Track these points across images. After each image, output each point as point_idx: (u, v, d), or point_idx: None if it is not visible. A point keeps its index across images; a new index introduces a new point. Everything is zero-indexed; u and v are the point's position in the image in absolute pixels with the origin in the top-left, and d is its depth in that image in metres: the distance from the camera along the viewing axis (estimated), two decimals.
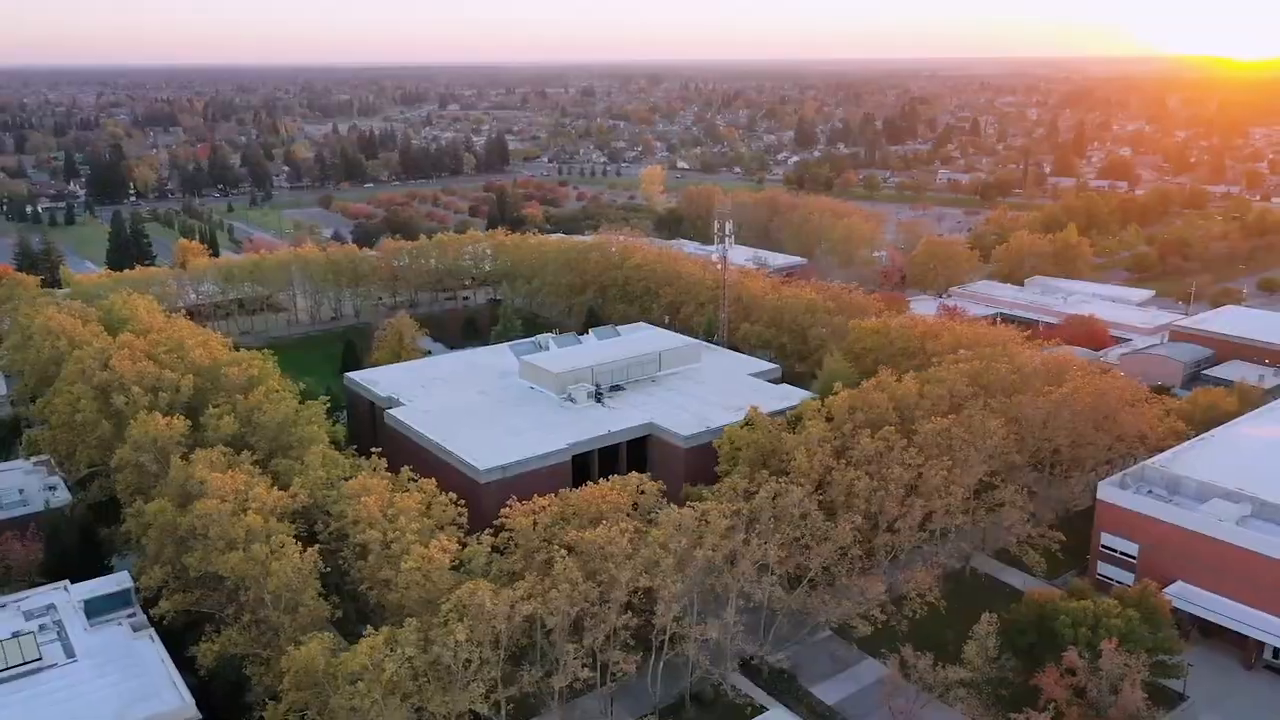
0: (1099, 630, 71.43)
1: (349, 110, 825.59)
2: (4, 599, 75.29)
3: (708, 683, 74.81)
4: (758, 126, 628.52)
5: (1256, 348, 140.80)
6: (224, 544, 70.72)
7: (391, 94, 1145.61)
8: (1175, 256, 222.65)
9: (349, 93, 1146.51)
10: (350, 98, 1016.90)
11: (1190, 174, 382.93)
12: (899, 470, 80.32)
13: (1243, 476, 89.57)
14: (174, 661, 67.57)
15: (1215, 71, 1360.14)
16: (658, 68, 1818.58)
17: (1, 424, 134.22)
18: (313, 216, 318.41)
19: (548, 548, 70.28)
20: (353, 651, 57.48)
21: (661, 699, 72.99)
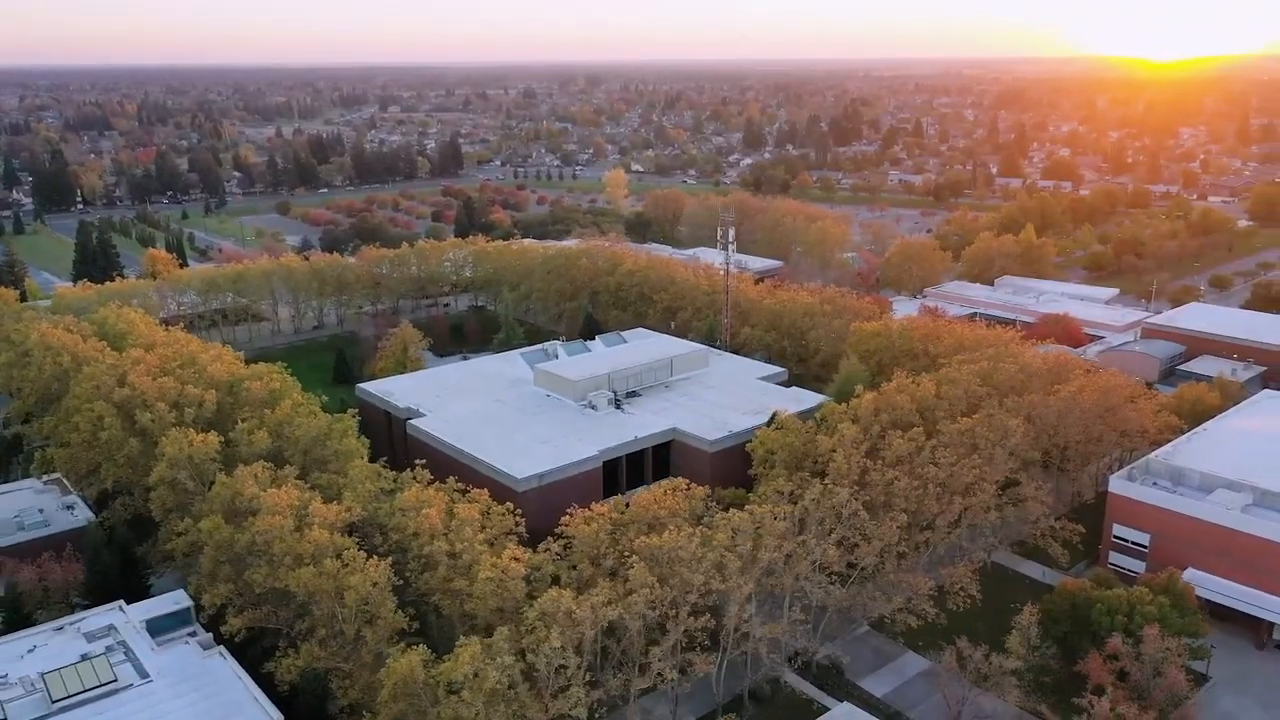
0: (1134, 617, 75.61)
1: (288, 113, 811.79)
2: (60, 621, 74.64)
3: (764, 680, 77.36)
4: (704, 128, 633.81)
5: (1225, 343, 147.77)
6: (291, 559, 71.25)
7: (328, 96, 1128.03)
8: (1129, 255, 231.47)
9: (284, 94, 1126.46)
10: (287, 100, 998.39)
11: (1129, 174, 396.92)
12: (934, 470, 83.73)
13: (1240, 467, 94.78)
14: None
15: (1135, 72, 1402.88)
16: (595, 69, 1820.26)
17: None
18: (270, 223, 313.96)
19: (611, 553, 72.12)
20: (454, 660, 58.63)
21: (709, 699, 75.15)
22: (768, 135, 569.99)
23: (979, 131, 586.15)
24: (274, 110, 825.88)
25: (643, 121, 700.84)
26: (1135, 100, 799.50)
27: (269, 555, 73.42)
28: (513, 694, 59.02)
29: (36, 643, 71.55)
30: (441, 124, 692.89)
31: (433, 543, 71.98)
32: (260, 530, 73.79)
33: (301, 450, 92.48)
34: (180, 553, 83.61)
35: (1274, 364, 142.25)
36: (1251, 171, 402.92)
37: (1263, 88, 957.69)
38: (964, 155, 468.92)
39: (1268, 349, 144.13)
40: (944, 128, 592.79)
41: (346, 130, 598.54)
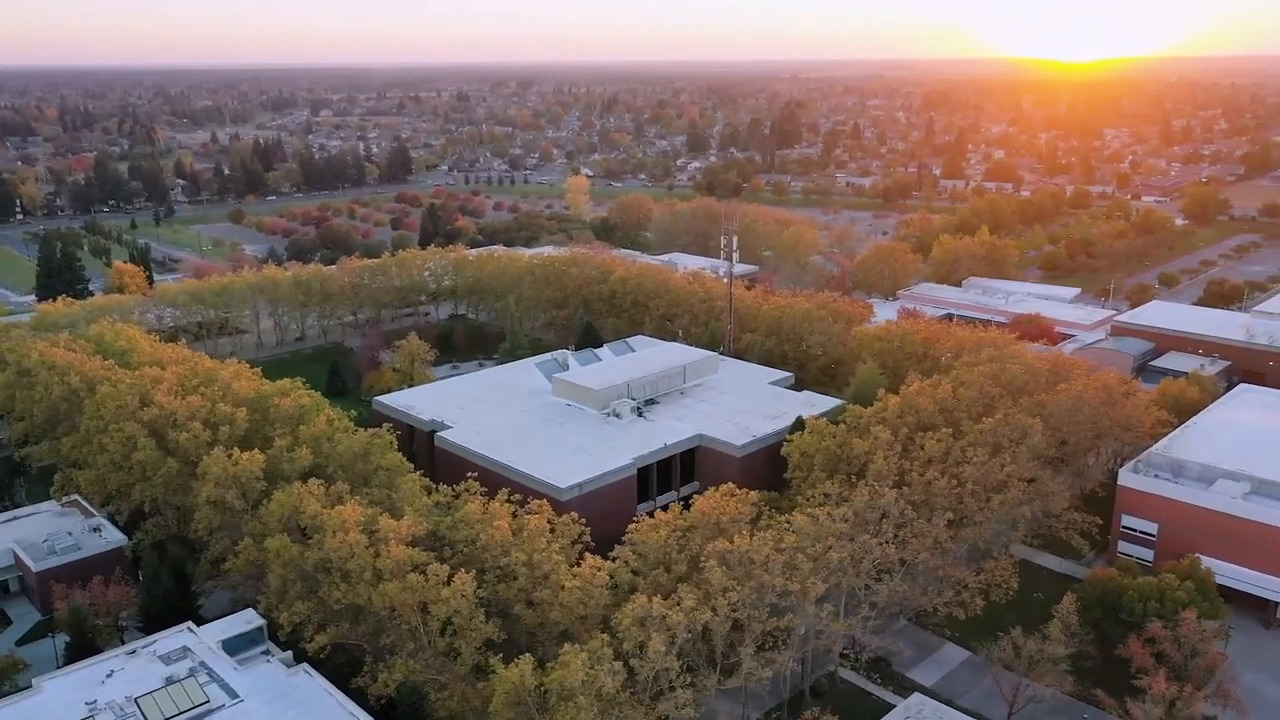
0: (1165, 602, 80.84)
1: (218, 117, 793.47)
2: (132, 645, 74.62)
3: (822, 675, 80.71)
4: (645, 131, 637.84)
5: (1191, 339, 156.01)
6: (371, 575, 72.33)
7: (255, 100, 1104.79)
8: (1081, 255, 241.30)
9: (208, 98, 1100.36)
10: (213, 103, 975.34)
11: (1064, 175, 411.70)
12: (970, 469, 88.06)
13: (1235, 457, 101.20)
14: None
15: (1049, 74, 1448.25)
16: (522, 71, 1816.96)
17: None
18: (225, 232, 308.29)
19: (682, 558, 74.67)
20: (564, 668, 60.58)
21: (775, 694, 78.25)
22: (711, 139, 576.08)
23: (914, 134, 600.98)
24: (202, 114, 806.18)
25: (583, 125, 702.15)
26: (1056, 102, 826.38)
27: (343, 572, 74.35)
28: (622, 698, 61.24)
29: (113, 667, 71.48)
30: (379, 128, 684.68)
31: (510, 554, 73.72)
32: (334, 547, 74.65)
33: (342, 466, 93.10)
34: (239, 572, 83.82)
35: (1237, 359, 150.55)
36: (1176, 172, 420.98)
37: (1172, 89, 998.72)
38: (905, 158, 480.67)
39: (1231, 345, 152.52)
40: (881, 130, 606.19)
41: (281, 135, 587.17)
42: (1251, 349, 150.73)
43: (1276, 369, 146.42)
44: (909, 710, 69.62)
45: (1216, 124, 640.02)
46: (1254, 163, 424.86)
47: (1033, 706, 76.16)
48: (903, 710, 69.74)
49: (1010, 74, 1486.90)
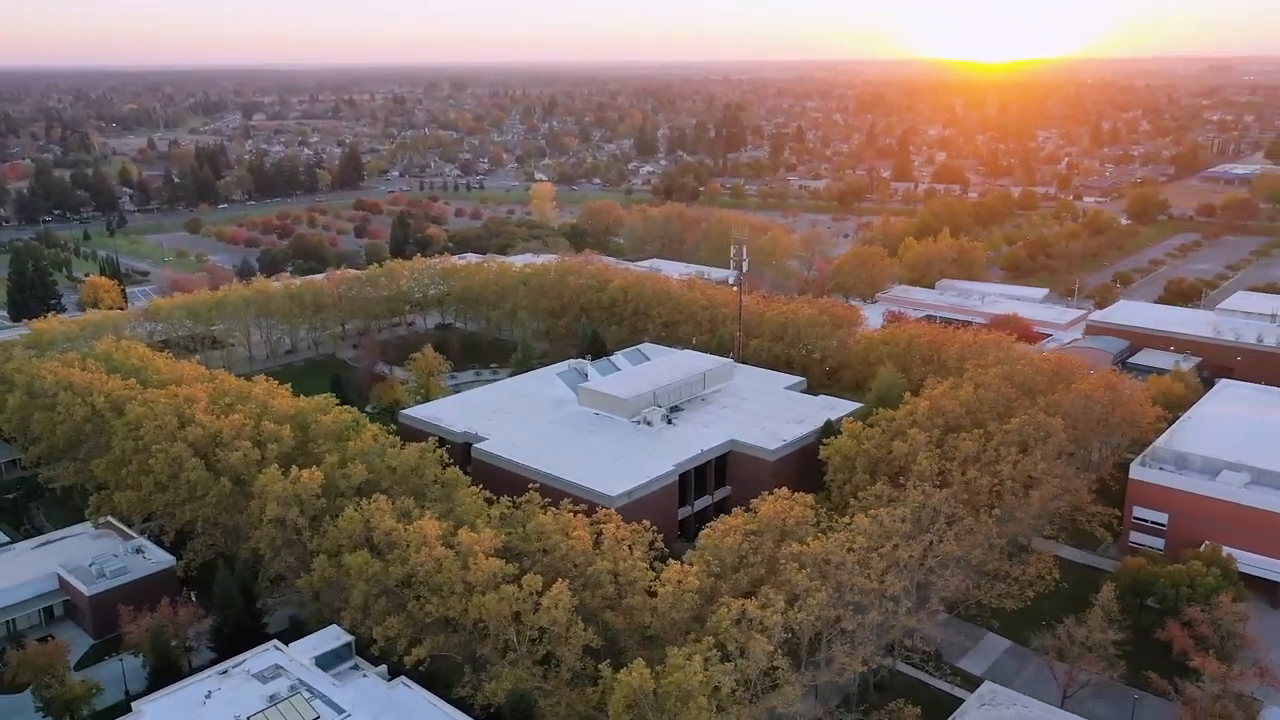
0: (1195, 587, 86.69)
1: (148, 121, 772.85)
2: (223, 665, 75.19)
3: (883, 669, 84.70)
4: (592, 135, 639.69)
5: (1163, 337, 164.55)
6: (463, 588, 74.24)
7: (182, 103, 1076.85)
8: (1040, 255, 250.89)
9: (132, 100, 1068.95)
10: (139, 107, 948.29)
11: (1008, 177, 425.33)
12: (1006, 467, 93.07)
13: (1233, 449, 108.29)
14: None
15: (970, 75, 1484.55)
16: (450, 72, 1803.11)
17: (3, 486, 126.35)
18: (181, 242, 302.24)
19: (759, 561, 78.00)
20: (682, 669, 63.34)
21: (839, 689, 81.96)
22: (658, 142, 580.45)
23: (855, 136, 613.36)
24: (131, 119, 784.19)
25: (527, 129, 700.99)
26: (985, 103, 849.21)
27: (432, 585, 76.05)
28: (736, 696, 64.30)
29: (209, 688, 72.10)
30: (319, 133, 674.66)
31: (596, 563, 76.22)
32: (419, 562, 76.33)
33: (396, 480, 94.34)
34: (310, 589, 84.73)
35: (1207, 355, 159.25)
36: (1111, 173, 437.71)
37: (1090, 90, 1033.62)
38: (851, 160, 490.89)
39: (1201, 341, 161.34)
40: (824, 133, 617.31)
41: (216, 140, 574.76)
42: (1220, 345, 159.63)
43: (1244, 364, 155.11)
44: (983, 698, 73.91)
45: (1139, 125, 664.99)
46: (1182, 163, 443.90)
47: (1082, 690, 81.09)
48: (977, 698, 73.99)
49: (932, 75, 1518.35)
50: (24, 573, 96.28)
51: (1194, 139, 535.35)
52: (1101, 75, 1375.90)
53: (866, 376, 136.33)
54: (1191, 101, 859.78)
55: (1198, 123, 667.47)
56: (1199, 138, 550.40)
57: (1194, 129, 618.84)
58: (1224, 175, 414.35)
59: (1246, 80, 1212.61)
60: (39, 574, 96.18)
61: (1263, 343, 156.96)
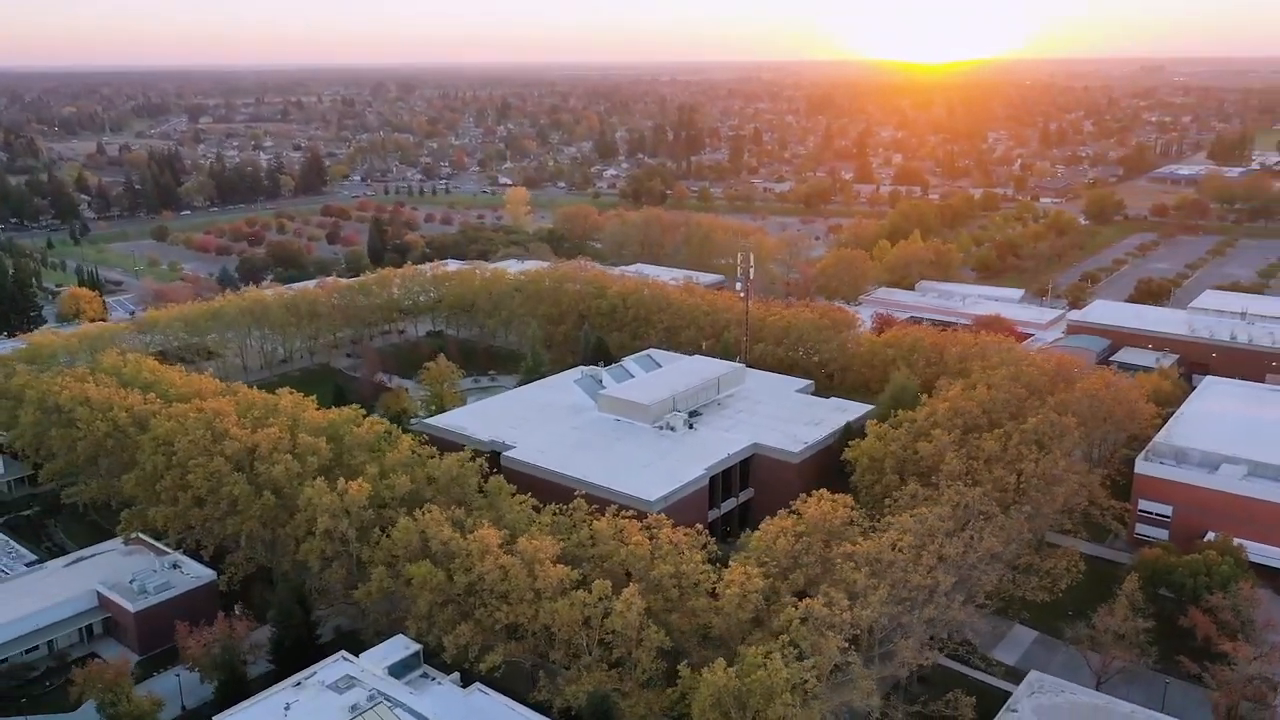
0: (1212, 576, 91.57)
1: (91, 125, 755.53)
2: (296, 677, 76.08)
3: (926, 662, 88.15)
4: (550, 138, 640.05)
5: (1141, 335, 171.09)
6: (532, 595, 76.14)
7: (123, 105, 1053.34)
8: (1010, 256, 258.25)
9: (70, 102, 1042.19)
10: (79, 110, 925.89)
11: (966, 179, 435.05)
12: (1029, 465, 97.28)
13: (1228, 443, 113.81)
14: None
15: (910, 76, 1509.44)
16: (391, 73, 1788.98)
17: (15, 504, 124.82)
18: (149, 250, 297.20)
19: (814, 561, 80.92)
20: (764, 668, 65.94)
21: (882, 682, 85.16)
22: (618, 145, 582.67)
23: (811, 138, 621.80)
24: (74, 122, 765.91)
25: (485, 131, 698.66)
26: (932, 104, 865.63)
27: (499, 593, 77.80)
28: (817, 690, 67.08)
29: (286, 700, 73.08)
30: (272, 136, 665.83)
31: (659, 566, 78.56)
32: (485, 570, 78.07)
33: (439, 490, 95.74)
34: (367, 600, 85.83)
35: (1184, 352, 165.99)
36: (1062, 173, 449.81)
37: (1031, 91, 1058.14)
38: (811, 162, 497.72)
39: (1178, 339, 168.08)
40: (780, 135, 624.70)
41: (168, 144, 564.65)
42: (1196, 343, 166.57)
43: (1219, 360, 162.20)
44: (1031, 686, 77.69)
45: (1083, 126, 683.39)
46: (1130, 164, 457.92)
47: (1114, 677, 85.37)
48: (1026, 687, 77.73)
49: (874, 76, 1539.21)
50: (61, 591, 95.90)
51: (1138, 140, 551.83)
52: (1038, 76, 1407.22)
53: (870, 379, 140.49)
54: (1130, 103, 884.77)
55: (1138, 124, 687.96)
56: (1141, 138, 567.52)
57: (1135, 130, 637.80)
58: (1170, 176, 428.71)
59: (1178, 81, 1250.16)
60: (77, 592, 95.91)
61: (1236, 340, 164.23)
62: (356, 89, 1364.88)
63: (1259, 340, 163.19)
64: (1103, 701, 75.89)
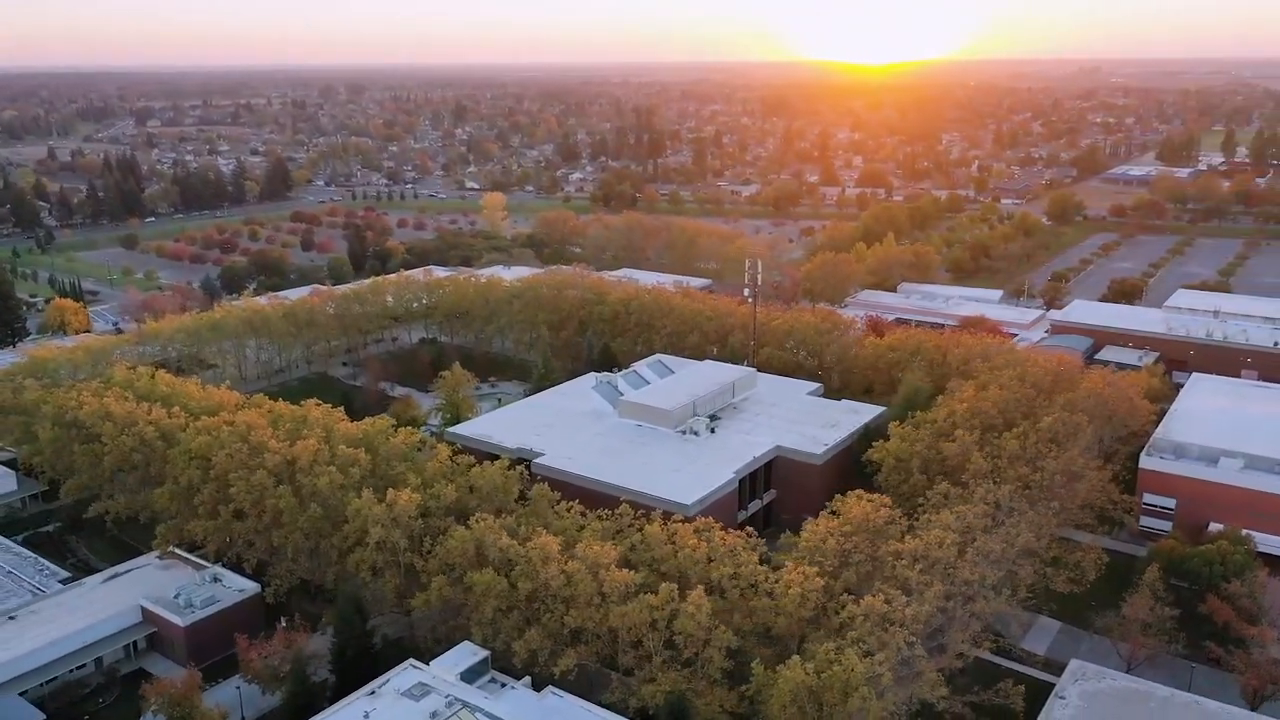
0: (1227, 565, 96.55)
1: (35, 128, 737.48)
2: (370, 686, 77.38)
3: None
4: (511, 141, 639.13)
5: (1123, 334, 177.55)
6: (600, 599, 78.38)
7: (65, 107, 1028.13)
8: (982, 257, 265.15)
9: (7, 104, 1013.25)
10: (19, 112, 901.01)
11: (927, 180, 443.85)
12: (1051, 462, 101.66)
13: (1225, 437, 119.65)
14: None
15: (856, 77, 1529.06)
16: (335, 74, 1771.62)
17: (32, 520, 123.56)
18: (119, 259, 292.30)
19: (864, 559, 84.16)
20: (840, 663, 68.94)
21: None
22: (580, 148, 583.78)
23: (770, 140, 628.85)
24: (17, 125, 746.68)
25: (444, 134, 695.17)
26: (883, 106, 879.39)
27: (564, 598, 79.92)
28: (887, 681, 70.21)
29: (365, 708, 74.43)
30: (226, 140, 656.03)
31: (719, 568, 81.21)
32: (550, 576, 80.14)
33: (484, 498, 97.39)
34: (425, 609, 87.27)
35: (1164, 350, 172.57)
36: (1018, 175, 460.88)
37: (978, 93, 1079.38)
38: (774, 165, 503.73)
39: (1157, 337, 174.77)
40: (740, 138, 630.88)
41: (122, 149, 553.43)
42: (1174, 340, 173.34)
43: (1196, 357, 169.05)
44: (1075, 674, 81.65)
45: (1031, 127, 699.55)
46: (1083, 165, 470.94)
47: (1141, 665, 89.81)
48: (1070, 675, 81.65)
49: (819, 77, 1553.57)
50: (105, 608, 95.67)
51: (1088, 141, 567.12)
52: (981, 78, 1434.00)
53: (875, 381, 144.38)
54: (1074, 104, 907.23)
55: (1084, 125, 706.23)
56: (1088, 140, 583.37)
57: (1082, 131, 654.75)
58: (1123, 177, 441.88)
59: (1116, 83, 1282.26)
60: (121, 608, 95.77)
61: (1212, 337, 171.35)
62: (304, 91, 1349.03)
63: (1233, 337, 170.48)
64: (1142, 686, 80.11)
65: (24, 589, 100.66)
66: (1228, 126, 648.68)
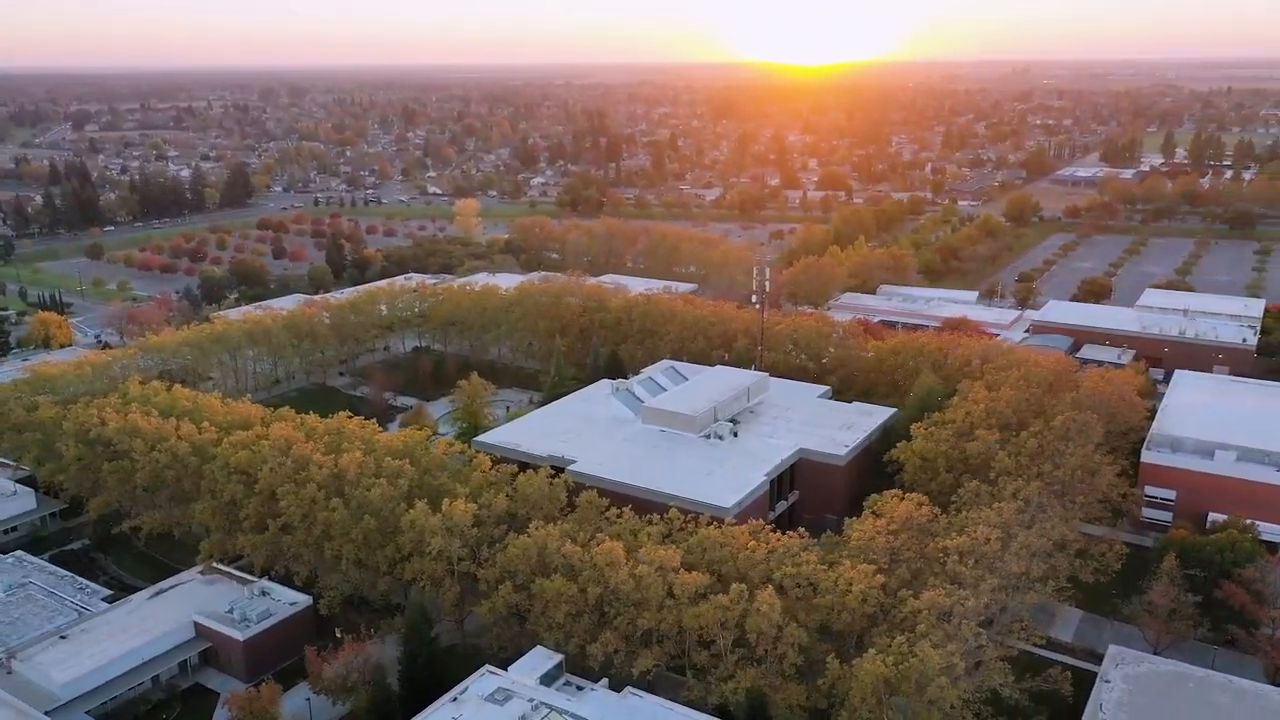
0: (1237, 552, 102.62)
1: None
2: (453, 692, 79.19)
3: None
4: (467, 145, 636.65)
5: (1101, 333, 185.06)
6: (671, 602, 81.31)
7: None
8: (952, 259, 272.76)
9: None
10: None
11: (885, 183, 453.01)
12: (1070, 458, 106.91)
13: (1218, 431, 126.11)
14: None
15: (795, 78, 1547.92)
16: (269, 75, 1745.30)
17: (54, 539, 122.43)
18: (82, 269, 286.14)
19: (916, 558, 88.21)
20: (917, 655, 72.67)
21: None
22: (539, 152, 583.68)
23: (724, 143, 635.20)
24: None
25: (397, 139, 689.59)
26: (828, 108, 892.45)
27: (631, 601, 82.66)
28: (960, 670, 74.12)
29: (451, 714, 76.33)
30: (174, 145, 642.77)
31: (783, 568, 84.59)
32: (620, 580, 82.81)
33: (533, 507, 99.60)
34: (490, 616, 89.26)
35: (1139, 347, 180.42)
36: (970, 176, 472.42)
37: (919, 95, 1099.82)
38: (733, 168, 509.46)
39: (1133, 336, 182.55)
40: (695, 141, 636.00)
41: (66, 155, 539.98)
42: (1149, 338, 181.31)
43: (1170, 354, 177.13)
44: (1115, 659, 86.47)
45: (975, 129, 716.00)
46: (1031, 167, 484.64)
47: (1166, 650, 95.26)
48: (1111, 660, 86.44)
49: (759, 79, 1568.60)
50: (157, 624, 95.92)
51: (1033, 143, 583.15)
52: (918, 79, 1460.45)
53: (879, 383, 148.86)
54: (1012, 106, 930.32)
55: (1025, 127, 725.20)
56: (1032, 142, 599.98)
57: (1023, 133, 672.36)
58: (1070, 178, 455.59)
59: (1048, 84, 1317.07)
60: (174, 624, 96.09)
61: (1185, 335, 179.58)
62: (243, 94, 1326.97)
63: (1204, 335, 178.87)
64: (1179, 668, 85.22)
65: (68, 608, 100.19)
66: (1163, 128, 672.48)
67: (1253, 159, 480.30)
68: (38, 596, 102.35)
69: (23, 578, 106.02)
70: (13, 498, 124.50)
